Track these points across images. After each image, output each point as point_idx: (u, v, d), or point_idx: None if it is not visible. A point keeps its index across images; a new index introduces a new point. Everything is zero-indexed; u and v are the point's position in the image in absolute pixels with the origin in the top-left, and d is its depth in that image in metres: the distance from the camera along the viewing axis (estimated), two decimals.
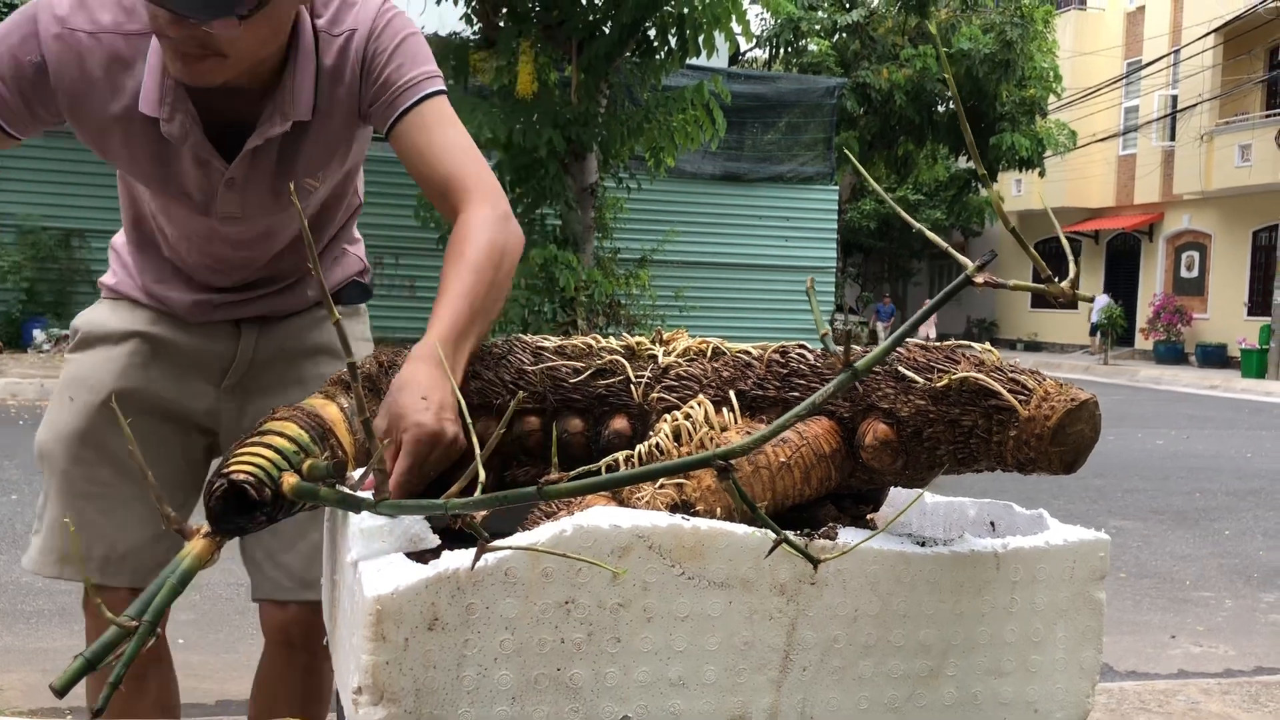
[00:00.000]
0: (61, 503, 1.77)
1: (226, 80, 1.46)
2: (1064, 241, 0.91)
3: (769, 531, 0.94)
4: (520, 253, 1.54)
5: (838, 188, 16.57)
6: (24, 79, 1.50)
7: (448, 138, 1.58)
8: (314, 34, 1.58)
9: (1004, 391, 1.10)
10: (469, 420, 1.02)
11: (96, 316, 1.85)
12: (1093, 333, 25.89)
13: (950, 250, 0.95)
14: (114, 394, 1.72)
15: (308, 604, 1.81)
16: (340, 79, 1.60)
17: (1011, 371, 1.13)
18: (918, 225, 0.96)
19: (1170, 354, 24.00)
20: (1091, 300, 0.86)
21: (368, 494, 0.98)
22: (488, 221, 1.50)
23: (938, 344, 1.20)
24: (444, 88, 1.65)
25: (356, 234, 2.00)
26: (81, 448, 1.76)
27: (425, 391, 1.27)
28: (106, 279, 1.89)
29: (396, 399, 1.27)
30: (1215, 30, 22.06)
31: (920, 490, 1.20)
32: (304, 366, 1.87)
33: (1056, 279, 0.88)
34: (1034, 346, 28.65)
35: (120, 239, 1.88)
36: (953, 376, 1.13)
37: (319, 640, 1.85)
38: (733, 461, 1.12)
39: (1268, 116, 22.07)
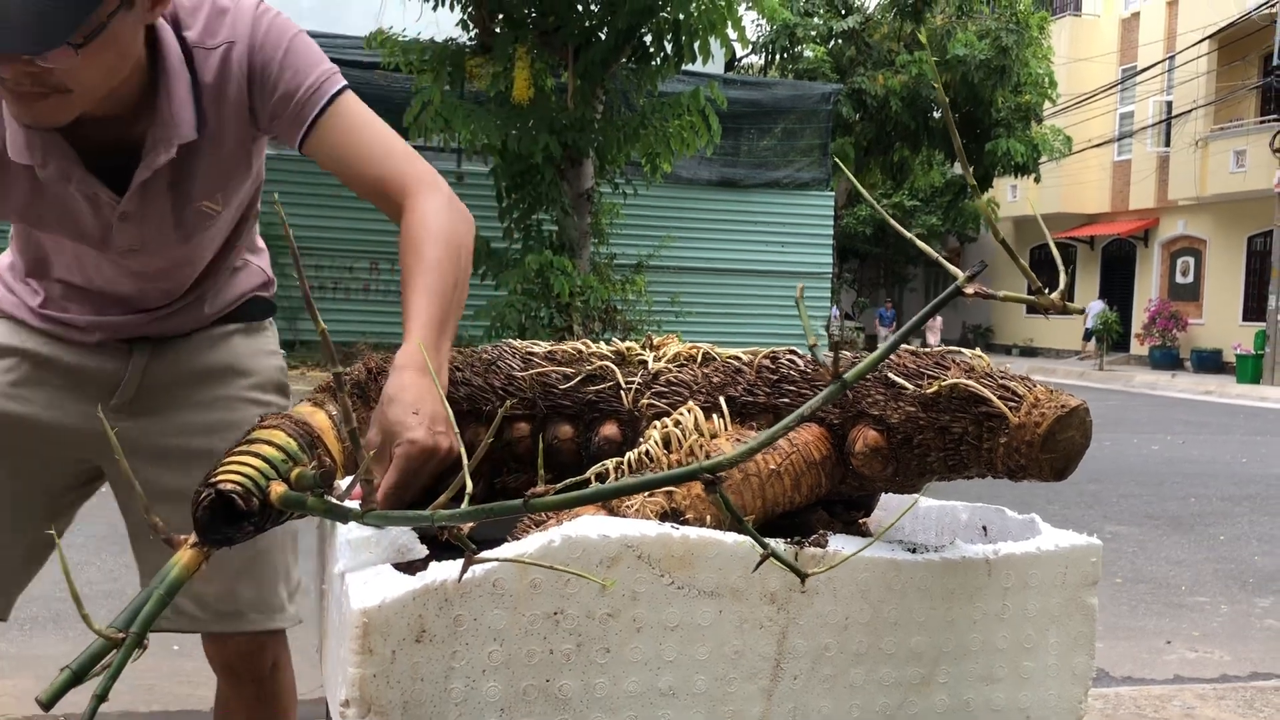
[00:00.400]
0: None
1: (80, 115, 1.37)
2: (1054, 250, 0.91)
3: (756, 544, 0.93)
4: (473, 232, 1.49)
5: (833, 193, 16.57)
6: None
7: (366, 136, 1.51)
8: (185, 49, 1.48)
9: (994, 398, 1.10)
10: (456, 429, 1.02)
11: None
12: (1086, 338, 25.91)
13: (941, 260, 0.94)
14: None
15: (243, 634, 1.74)
16: (224, 95, 1.50)
17: (1002, 378, 1.12)
18: (908, 234, 0.96)
19: (1165, 359, 24.01)
20: (1082, 312, 0.86)
21: (355, 504, 0.97)
22: (439, 212, 1.45)
23: (928, 350, 1.20)
24: (345, 82, 1.56)
25: (260, 242, 1.89)
26: None
27: (416, 405, 1.24)
28: None
29: (387, 413, 1.24)
30: (1210, 36, 22.10)
31: (914, 497, 1.20)
32: (203, 388, 1.77)
33: (1047, 289, 0.87)
34: (1029, 352, 28.67)
35: (4, 261, 1.77)
36: (943, 383, 1.12)
37: (264, 667, 1.79)
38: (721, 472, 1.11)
39: (1262, 122, 22.11)
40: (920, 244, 0.90)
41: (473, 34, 10.16)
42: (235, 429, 1.61)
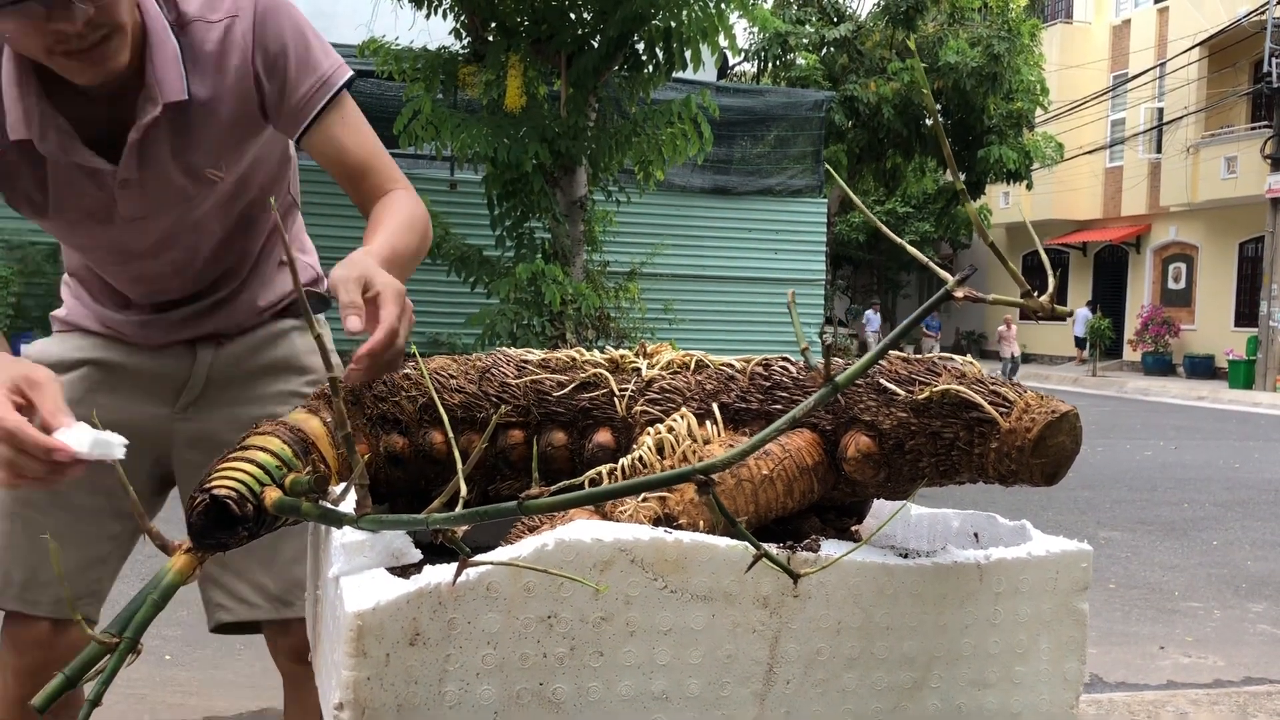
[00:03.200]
0: None
1: (74, 90, 1.44)
2: (1043, 255, 0.91)
3: (750, 545, 0.94)
4: (430, 238, 1.61)
5: (826, 201, 16.59)
6: None
7: (364, 130, 1.62)
8: (182, 21, 1.54)
9: (985, 404, 1.10)
10: (451, 434, 1.02)
11: (44, 348, 1.81)
12: (1080, 346, 25.98)
13: (930, 264, 0.95)
14: None
15: (303, 620, 1.79)
16: (225, 66, 1.56)
17: (993, 384, 1.13)
18: (898, 240, 0.97)
19: (1158, 365, 24.08)
20: (1071, 315, 0.86)
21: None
22: (415, 204, 1.59)
23: (919, 356, 1.20)
24: (351, 73, 1.64)
25: (308, 243, 1.96)
26: None
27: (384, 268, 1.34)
28: (58, 312, 1.86)
29: (361, 260, 1.31)
30: (1200, 43, 22.20)
31: (904, 503, 1.20)
32: (262, 383, 1.83)
33: (1037, 293, 0.88)
34: (1023, 358, 28.72)
35: (67, 274, 1.85)
36: (934, 389, 1.13)
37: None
38: (714, 475, 1.12)
39: (1253, 129, 22.19)
40: (910, 249, 0.91)
41: (465, 42, 10.16)
42: None
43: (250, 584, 1.78)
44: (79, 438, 1.17)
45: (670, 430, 1.22)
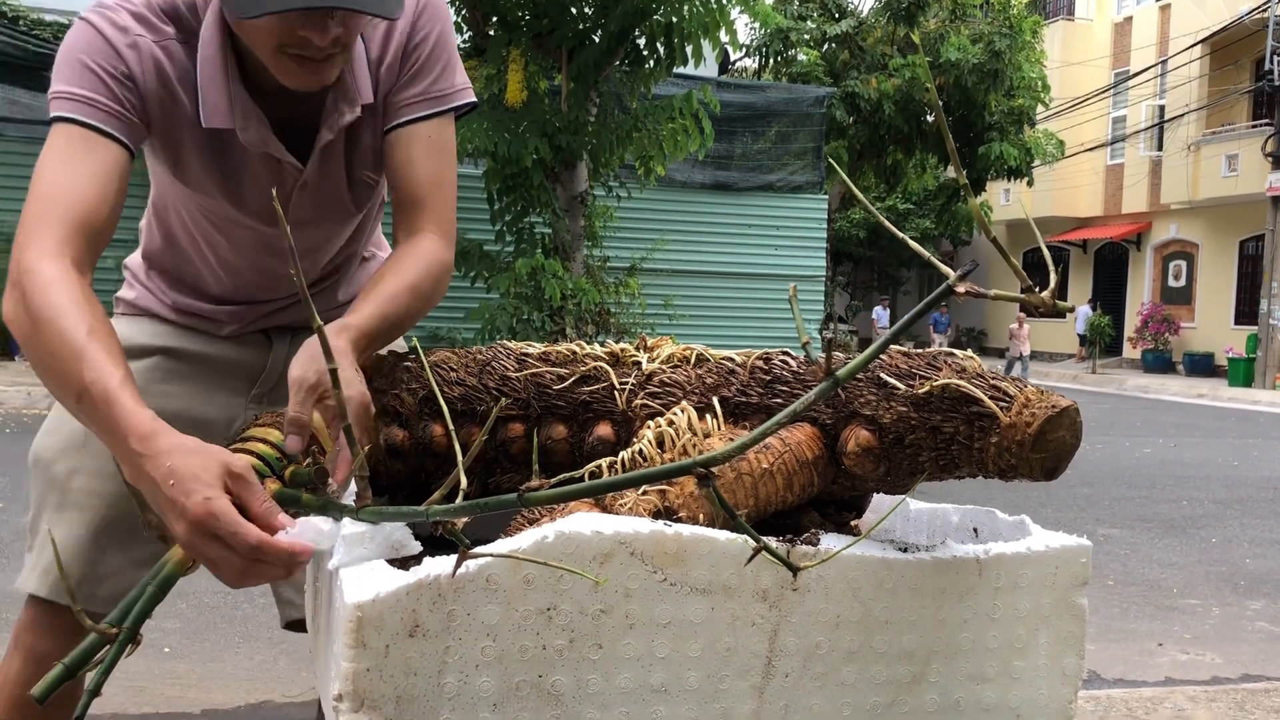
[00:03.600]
0: (51, 515, 1.65)
1: (335, 76, 1.43)
2: (1045, 251, 0.91)
3: (750, 538, 0.94)
4: (441, 296, 1.54)
5: (827, 197, 16.59)
6: (120, 93, 1.40)
7: (443, 161, 1.57)
8: None
9: (985, 398, 1.10)
10: (451, 426, 1.02)
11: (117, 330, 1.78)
12: (1081, 343, 25.98)
13: (933, 259, 0.95)
14: None
15: None
16: (384, 65, 1.55)
17: (993, 378, 1.13)
18: (900, 234, 0.97)
19: (1158, 363, 24.08)
20: (1072, 310, 0.86)
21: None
22: (444, 260, 1.53)
23: (920, 351, 1.20)
24: (471, 100, 1.61)
25: (383, 239, 1.95)
26: (82, 458, 1.65)
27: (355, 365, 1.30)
28: (124, 294, 1.81)
29: (320, 355, 1.23)
30: (1202, 41, 22.18)
31: (903, 497, 1.20)
32: None
33: (1038, 288, 0.88)
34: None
35: (136, 259, 1.81)
36: (934, 383, 1.13)
37: None
38: (715, 469, 1.12)
39: (1254, 127, 22.18)
40: (912, 244, 0.91)
41: (466, 37, 10.16)
42: None
43: (292, 585, 1.78)
44: (306, 533, 1.08)
45: (670, 424, 1.22)
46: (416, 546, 1.12)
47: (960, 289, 0.86)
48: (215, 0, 1.41)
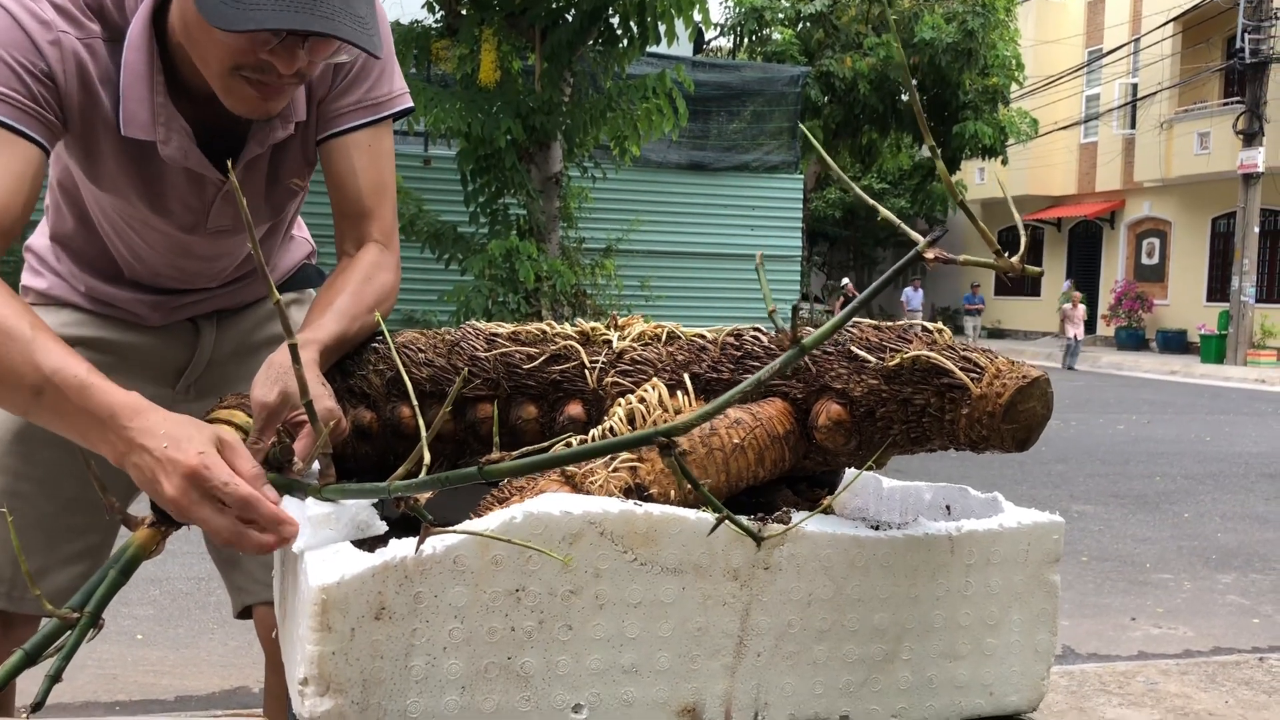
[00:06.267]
0: None
1: (201, 96, 1.39)
2: (1020, 226, 0.91)
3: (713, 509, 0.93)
4: (393, 304, 1.53)
5: (803, 176, 16.59)
6: (37, 90, 1.33)
7: (384, 169, 1.55)
8: None
9: (956, 370, 1.10)
10: (417, 406, 1.01)
11: None
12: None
13: (902, 225, 0.94)
14: None
15: None
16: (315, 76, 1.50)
17: (963, 350, 1.12)
18: (874, 203, 0.95)
19: (1131, 340, 24.25)
20: (1041, 273, 0.86)
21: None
22: (394, 269, 1.52)
23: (890, 324, 1.19)
24: (407, 105, 1.58)
25: (299, 219, 1.92)
26: (6, 456, 1.62)
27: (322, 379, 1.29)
28: (32, 282, 1.73)
29: (287, 375, 1.22)
30: (1174, 19, 22.26)
31: (862, 470, 1.20)
32: (263, 359, 1.79)
33: (1007, 254, 0.87)
34: (997, 334, 28.85)
35: (42, 243, 1.72)
36: (905, 355, 1.12)
37: None
38: (687, 445, 1.11)
39: (1225, 104, 22.29)
40: (884, 210, 0.89)
41: (438, 16, 10.07)
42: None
43: (267, 564, 1.75)
44: (296, 509, 1.07)
45: (641, 400, 1.21)
46: (382, 527, 1.10)
47: (929, 255, 0.85)
48: (148, 1, 1.35)
